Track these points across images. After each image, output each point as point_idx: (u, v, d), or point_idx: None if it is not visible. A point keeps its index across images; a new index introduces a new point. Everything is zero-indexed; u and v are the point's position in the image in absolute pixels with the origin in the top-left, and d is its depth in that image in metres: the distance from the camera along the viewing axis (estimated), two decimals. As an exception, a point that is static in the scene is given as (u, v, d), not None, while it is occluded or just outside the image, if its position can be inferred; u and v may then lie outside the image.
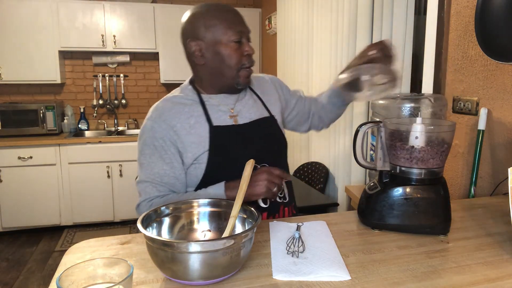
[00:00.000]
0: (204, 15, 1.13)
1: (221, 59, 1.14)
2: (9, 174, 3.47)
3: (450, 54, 1.66)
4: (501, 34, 1.40)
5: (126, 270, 0.64)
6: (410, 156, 0.96)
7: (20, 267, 3.02)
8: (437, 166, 0.97)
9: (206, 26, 1.13)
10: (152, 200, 1.12)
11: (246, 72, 1.17)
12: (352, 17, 2.26)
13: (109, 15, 3.80)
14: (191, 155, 1.12)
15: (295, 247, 0.87)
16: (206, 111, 1.17)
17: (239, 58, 1.14)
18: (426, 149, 0.95)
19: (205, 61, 1.15)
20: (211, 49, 1.13)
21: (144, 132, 1.15)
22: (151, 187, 1.13)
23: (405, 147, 0.96)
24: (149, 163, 1.13)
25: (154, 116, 1.15)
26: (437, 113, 1.51)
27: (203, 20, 1.13)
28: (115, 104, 4.21)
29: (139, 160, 1.16)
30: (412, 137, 0.95)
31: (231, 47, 1.13)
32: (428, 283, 0.75)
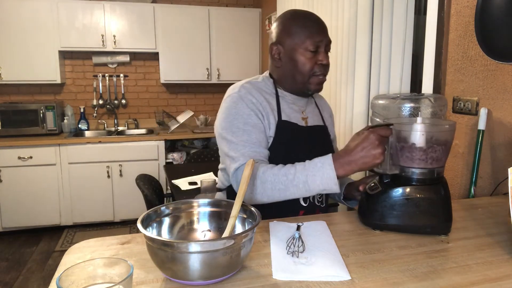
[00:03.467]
0: (289, 22, 1.22)
1: (295, 65, 1.21)
2: (9, 174, 3.48)
3: (450, 54, 1.66)
4: (501, 34, 1.40)
5: (126, 270, 0.64)
6: (426, 157, 0.96)
7: (20, 267, 3.02)
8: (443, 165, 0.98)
9: (288, 33, 1.21)
10: (257, 163, 1.08)
11: (317, 79, 1.23)
12: (352, 17, 2.26)
13: (109, 15, 3.80)
14: (268, 132, 1.19)
15: (295, 247, 0.87)
16: (279, 105, 1.24)
17: (312, 66, 1.20)
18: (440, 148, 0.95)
19: (281, 65, 1.24)
20: (288, 54, 1.21)
21: (233, 103, 1.17)
22: (250, 151, 1.12)
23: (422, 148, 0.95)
24: (245, 130, 1.15)
25: (243, 92, 1.19)
26: (437, 113, 1.51)
27: (287, 26, 1.21)
28: (115, 104, 4.21)
29: (229, 131, 1.15)
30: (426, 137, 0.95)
31: (306, 56, 1.19)
32: (428, 283, 0.75)
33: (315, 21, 1.22)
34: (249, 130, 1.15)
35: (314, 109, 1.36)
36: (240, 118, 1.15)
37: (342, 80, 2.40)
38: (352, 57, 2.29)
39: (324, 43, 1.21)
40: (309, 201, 1.26)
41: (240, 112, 1.16)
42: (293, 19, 1.22)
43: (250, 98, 1.18)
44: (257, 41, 4.27)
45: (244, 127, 1.15)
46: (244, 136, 1.14)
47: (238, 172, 1.12)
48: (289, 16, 1.23)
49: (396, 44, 1.93)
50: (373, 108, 1.68)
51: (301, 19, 1.21)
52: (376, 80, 2.12)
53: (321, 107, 1.41)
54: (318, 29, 1.20)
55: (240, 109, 1.16)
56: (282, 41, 1.22)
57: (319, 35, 1.20)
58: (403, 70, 1.93)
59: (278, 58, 1.24)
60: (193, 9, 4.01)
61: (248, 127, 1.15)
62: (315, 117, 1.34)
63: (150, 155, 3.76)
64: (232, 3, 4.45)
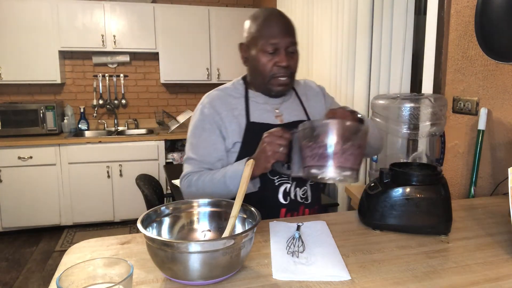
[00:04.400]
0: (252, 22, 1.23)
1: (256, 66, 1.23)
2: (9, 174, 3.47)
3: (450, 54, 1.66)
4: (501, 34, 1.40)
5: (126, 270, 0.64)
6: (311, 153, 0.91)
7: (20, 267, 3.02)
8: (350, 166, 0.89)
9: (250, 33, 1.23)
10: (189, 175, 1.23)
11: (278, 81, 1.22)
12: (352, 17, 2.26)
13: (109, 15, 3.79)
14: (231, 141, 1.23)
15: (295, 247, 0.87)
16: (248, 107, 1.26)
17: (271, 67, 1.20)
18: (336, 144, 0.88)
19: (247, 65, 1.28)
20: (251, 55, 1.23)
21: (195, 116, 1.28)
22: (194, 164, 1.24)
23: (315, 143, 0.90)
24: (197, 143, 1.25)
25: (205, 102, 1.27)
26: (437, 113, 1.51)
27: (250, 27, 1.23)
28: (115, 104, 4.21)
29: (188, 140, 1.28)
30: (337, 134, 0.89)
31: (265, 57, 1.20)
32: (428, 283, 0.75)
33: (276, 21, 1.19)
34: (197, 144, 1.25)
35: (293, 104, 1.32)
36: (196, 130, 1.26)
37: (342, 80, 2.40)
38: (352, 57, 2.29)
39: (284, 44, 1.18)
40: (289, 198, 1.23)
41: (197, 125, 1.26)
42: (255, 19, 1.22)
43: (206, 111, 1.25)
44: (257, 41, 4.26)
45: (198, 140, 1.25)
46: (194, 149, 1.25)
47: (183, 180, 1.24)
48: (253, 15, 1.24)
49: (396, 44, 1.93)
50: (373, 108, 1.68)
51: (261, 19, 1.20)
52: (376, 80, 2.12)
53: (306, 97, 1.37)
54: (277, 30, 1.18)
55: (197, 123, 1.26)
56: (247, 41, 1.24)
57: (277, 36, 1.18)
58: (403, 70, 1.92)
59: (245, 59, 1.27)
60: (193, 9, 4.01)
61: (196, 139, 1.25)
62: (293, 112, 1.30)
63: (150, 155, 3.76)
64: (232, 3, 4.45)
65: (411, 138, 1.55)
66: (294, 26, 1.24)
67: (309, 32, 2.91)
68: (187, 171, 1.25)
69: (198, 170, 1.23)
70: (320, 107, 1.38)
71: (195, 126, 1.27)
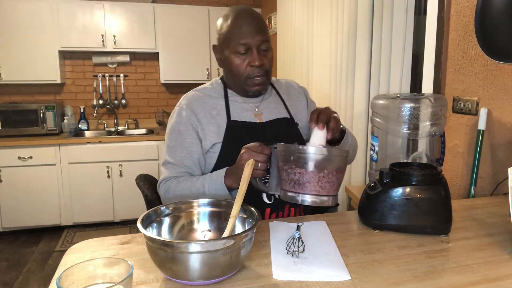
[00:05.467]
0: (223, 22, 1.21)
1: (230, 67, 1.21)
2: (9, 174, 3.47)
3: (450, 54, 1.66)
4: (501, 34, 1.40)
5: (126, 270, 0.64)
6: (288, 178, 0.89)
7: (20, 267, 3.02)
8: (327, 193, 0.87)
9: (222, 34, 1.21)
10: (167, 180, 1.21)
11: (253, 81, 1.20)
12: (352, 17, 2.26)
13: (109, 15, 3.80)
14: (209, 143, 1.22)
15: (295, 247, 0.87)
16: (228, 106, 1.25)
17: (245, 68, 1.19)
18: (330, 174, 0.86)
19: (222, 66, 1.26)
20: (224, 56, 1.22)
21: (172, 118, 1.27)
22: (172, 168, 1.23)
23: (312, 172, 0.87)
24: (174, 146, 1.23)
25: (183, 103, 1.26)
26: (437, 113, 1.51)
27: (221, 27, 1.21)
28: (115, 104, 4.21)
29: (165, 143, 1.27)
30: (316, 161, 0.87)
31: (238, 58, 1.18)
32: (428, 283, 0.75)
33: (245, 20, 1.17)
34: (174, 147, 1.23)
35: (272, 102, 1.31)
36: (173, 133, 1.24)
37: (342, 80, 2.40)
38: (352, 57, 2.29)
39: (255, 43, 1.16)
40: (274, 198, 1.21)
41: (174, 128, 1.25)
42: (225, 19, 1.19)
43: (183, 113, 1.23)
44: (257, 41, 4.27)
45: (174, 143, 1.24)
46: (171, 153, 1.24)
47: (159, 187, 1.23)
48: (224, 15, 1.21)
49: (396, 44, 1.93)
50: (373, 108, 1.68)
51: (231, 18, 1.18)
52: (376, 80, 2.12)
53: (287, 95, 1.36)
54: (246, 29, 1.15)
55: (174, 125, 1.25)
56: (220, 42, 1.22)
57: (247, 36, 1.15)
58: (403, 70, 1.92)
59: (220, 60, 1.25)
60: (193, 9, 4.01)
61: (172, 142, 1.24)
62: (273, 110, 1.29)
63: (150, 155, 3.76)
64: (232, 3, 4.45)
65: (411, 138, 1.55)
66: (265, 23, 1.22)
67: (309, 33, 2.91)
68: (165, 176, 1.23)
69: (176, 174, 1.22)
70: (302, 107, 1.38)
71: (171, 129, 1.25)
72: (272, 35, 3.93)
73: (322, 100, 2.74)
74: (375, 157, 1.74)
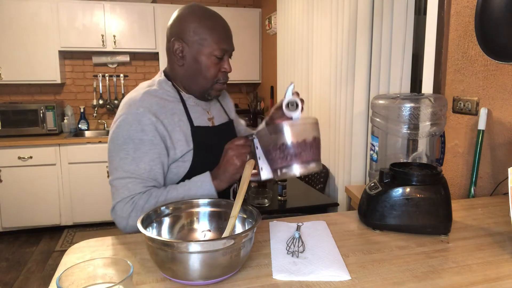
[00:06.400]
0: (196, 20, 1.13)
1: (199, 68, 1.14)
2: (9, 174, 3.47)
3: (450, 54, 1.66)
4: (501, 34, 1.40)
5: (126, 270, 0.64)
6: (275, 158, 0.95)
7: (20, 267, 3.02)
8: (312, 159, 0.95)
9: (195, 32, 1.12)
10: (133, 197, 1.05)
11: (219, 86, 1.19)
12: (352, 17, 2.26)
13: (109, 15, 3.80)
14: (179, 152, 1.11)
15: (295, 247, 0.87)
16: (187, 111, 1.17)
17: (216, 72, 1.16)
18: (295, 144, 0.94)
19: (183, 63, 1.16)
20: (193, 55, 1.14)
21: (126, 125, 1.07)
22: (135, 183, 1.06)
23: (277, 147, 0.94)
24: (134, 158, 1.06)
25: (141, 109, 1.08)
26: (437, 113, 1.51)
27: (193, 24, 1.12)
28: (115, 104, 4.21)
29: (116, 156, 1.07)
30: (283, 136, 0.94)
31: (212, 61, 1.14)
32: (428, 283, 0.75)
33: (224, 26, 1.16)
34: (136, 159, 1.06)
35: (217, 106, 1.31)
36: (131, 143, 1.06)
37: (342, 80, 2.40)
38: (352, 57, 2.29)
39: (230, 50, 1.17)
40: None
41: (132, 137, 1.06)
42: (202, 19, 1.13)
43: (145, 120, 1.07)
44: (257, 41, 4.27)
45: (134, 154, 1.06)
46: (131, 165, 1.06)
47: (117, 209, 1.07)
48: (198, 13, 1.14)
49: (396, 44, 1.93)
50: (373, 108, 1.68)
51: (210, 20, 1.14)
52: (376, 80, 2.12)
53: (222, 99, 1.39)
54: (226, 36, 1.15)
55: (132, 133, 1.06)
56: (187, 39, 1.13)
57: (226, 43, 1.15)
58: (403, 70, 1.92)
59: (181, 57, 1.15)
60: (193, 9, 4.01)
61: (139, 153, 1.06)
62: (220, 113, 1.30)
63: (150, 155, 3.76)
64: (232, 3, 4.45)
65: (411, 138, 1.55)
66: None
67: (309, 33, 2.91)
68: (127, 194, 1.05)
69: (142, 190, 1.06)
70: (231, 105, 1.43)
71: (129, 138, 1.06)
72: (272, 35, 3.93)
73: (322, 100, 2.74)
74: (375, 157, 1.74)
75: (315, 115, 2.85)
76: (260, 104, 4.37)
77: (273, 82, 3.95)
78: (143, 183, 1.06)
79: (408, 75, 1.93)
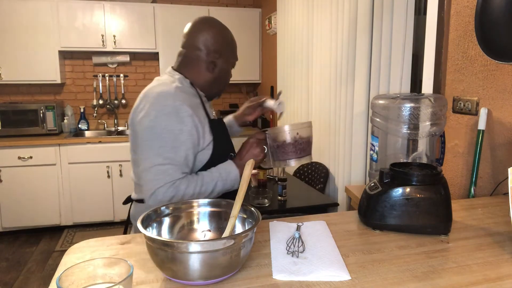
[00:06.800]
0: (226, 36, 1.32)
1: (223, 75, 1.35)
2: (9, 174, 3.48)
3: (450, 54, 1.66)
4: (501, 34, 1.40)
5: (126, 270, 0.64)
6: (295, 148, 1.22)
7: (20, 267, 3.02)
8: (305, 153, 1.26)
9: (227, 46, 1.32)
10: (175, 182, 1.14)
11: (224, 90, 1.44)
12: (352, 17, 2.26)
13: (109, 15, 3.80)
14: (206, 141, 1.25)
15: (295, 247, 0.87)
16: (204, 106, 1.31)
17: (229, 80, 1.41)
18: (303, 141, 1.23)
19: (213, 70, 1.32)
20: (224, 66, 1.33)
21: (166, 115, 1.15)
22: (174, 170, 1.15)
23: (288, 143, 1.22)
24: (173, 147, 1.15)
25: (178, 101, 1.18)
26: (437, 113, 1.51)
27: (226, 39, 1.32)
28: (115, 104, 4.21)
29: (154, 144, 1.15)
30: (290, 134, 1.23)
31: (230, 70, 1.38)
32: (428, 283, 0.75)
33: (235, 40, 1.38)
34: (175, 148, 1.15)
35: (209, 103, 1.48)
36: (171, 133, 1.15)
37: (342, 80, 2.40)
38: (352, 57, 2.29)
39: None
40: None
41: (172, 127, 1.15)
42: (226, 34, 1.33)
43: (185, 112, 1.17)
44: (257, 41, 4.27)
45: (173, 143, 1.15)
46: (171, 153, 1.15)
47: (158, 193, 1.13)
48: (224, 29, 1.33)
49: (396, 44, 1.93)
50: (373, 108, 1.68)
51: (228, 36, 1.34)
52: (376, 80, 2.12)
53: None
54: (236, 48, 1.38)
55: (172, 124, 1.15)
56: (223, 52, 1.31)
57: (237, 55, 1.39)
58: (403, 70, 1.93)
59: (213, 65, 1.30)
60: (193, 9, 4.01)
61: (177, 142, 1.15)
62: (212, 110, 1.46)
63: (150, 155, 3.76)
64: (232, 3, 4.45)
65: (411, 138, 1.54)
66: None
67: (309, 32, 2.91)
68: (169, 179, 1.13)
69: (181, 176, 1.16)
70: None
71: (169, 128, 1.15)
72: (272, 35, 3.93)
73: (322, 100, 2.74)
74: (375, 157, 1.74)
75: (315, 115, 2.85)
76: (260, 104, 4.37)
77: (273, 82, 3.95)
78: (181, 169, 1.17)
79: (408, 75, 1.93)
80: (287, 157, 1.22)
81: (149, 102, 1.19)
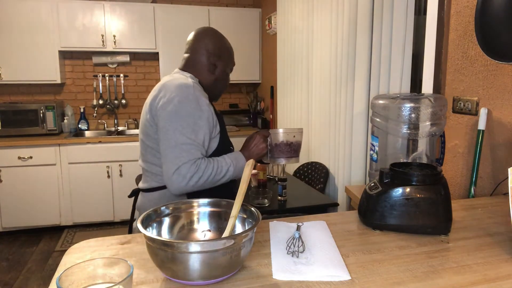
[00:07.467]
0: (225, 43, 1.49)
1: (223, 79, 1.50)
2: (9, 174, 3.47)
3: (450, 54, 1.66)
4: (501, 34, 1.40)
5: (126, 270, 0.64)
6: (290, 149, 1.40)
7: (20, 267, 3.02)
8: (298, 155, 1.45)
9: (227, 51, 1.48)
10: (196, 160, 1.27)
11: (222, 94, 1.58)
12: (352, 17, 2.26)
13: (109, 15, 3.80)
14: (216, 130, 1.39)
15: (295, 247, 0.87)
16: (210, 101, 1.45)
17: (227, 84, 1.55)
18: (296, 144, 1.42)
19: (215, 72, 1.47)
20: (223, 70, 1.49)
21: (189, 102, 1.30)
22: (195, 149, 1.28)
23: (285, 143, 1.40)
24: (194, 130, 1.29)
25: (198, 92, 1.34)
26: (437, 113, 1.51)
27: (225, 45, 1.48)
28: (115, 104, 4.21)
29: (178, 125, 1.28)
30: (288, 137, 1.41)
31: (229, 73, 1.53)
32: (428, 283, 0.75)
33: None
34: (196, 130, 1.29)
35: None
36: (192, 117, 1.30)
37: (342, 80, 2.40)
38: (352, 57, 2.29)
39: None
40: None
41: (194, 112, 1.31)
42: (225, 41, 1.49)
43: (203, 100, 1.34)
44: (257, 41, 4.27)
45: (194, 126, 1.29)
46: (192, 135, 1.28)
47: (182, 168, 1.25)
48: (222, 37, 1.49)
49: (396, 44, 1.93)
50: (373, 108, 1.68)
51: (228, 43, 1.50)
52: (376, 80, 2.12)
53: None
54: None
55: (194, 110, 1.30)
56: (222, 57, 1.47)
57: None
58: (403, 70, 1.92)
59: (214, 67, 1.46)
60: (193, 9, 4.01)
61: (197, 127, 1.30)
62: None
63: (150, 155, 3.76)
64: (232, 3, 4.45)
65: (411, 138, 1.54)
66: None
67: (309, 32, 2.91)
68: (192, 157, 1.26)
69: (200, 156, 1.29)
70: None
71: (191, 113, 1.30)
72: (272, 35, 3.93)
73: (322, 100, 2.74)
74: (375, 157, 1.74)
75: (315, 115, 2.85)
76: (260, 104, 4.38)
77: (273, 82, 3.95)
78: (200, 150, 1.30)
79: (408, 75, 1.93)
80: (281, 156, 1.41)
81: (170, 90, 1.32)
